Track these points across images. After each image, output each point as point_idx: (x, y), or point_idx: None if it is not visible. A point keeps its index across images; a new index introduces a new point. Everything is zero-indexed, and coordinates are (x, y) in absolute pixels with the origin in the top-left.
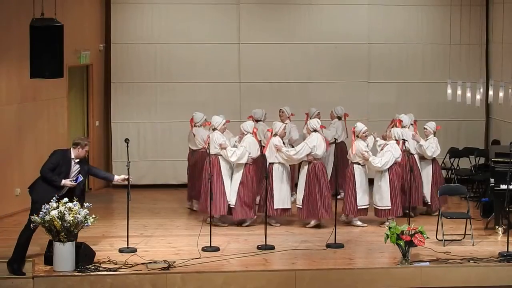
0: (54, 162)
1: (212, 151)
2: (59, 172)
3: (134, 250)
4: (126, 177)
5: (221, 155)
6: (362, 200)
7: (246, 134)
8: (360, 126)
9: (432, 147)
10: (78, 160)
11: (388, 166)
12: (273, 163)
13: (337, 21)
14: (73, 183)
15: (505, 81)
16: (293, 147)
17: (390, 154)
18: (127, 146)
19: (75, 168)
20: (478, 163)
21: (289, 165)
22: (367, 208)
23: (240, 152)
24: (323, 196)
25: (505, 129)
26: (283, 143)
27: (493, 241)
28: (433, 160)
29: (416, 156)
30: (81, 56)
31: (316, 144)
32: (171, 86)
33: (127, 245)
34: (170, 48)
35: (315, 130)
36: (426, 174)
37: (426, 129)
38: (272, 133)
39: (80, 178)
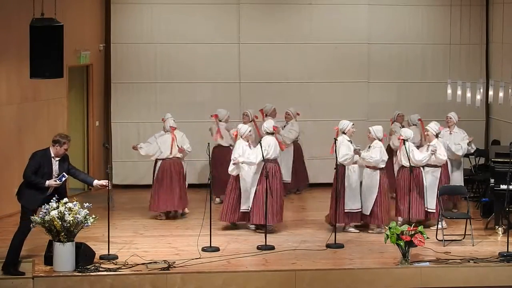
0: (35, 164)
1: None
2: (42, 174)
3: (115, 257)
4: (106, 182)
5: None
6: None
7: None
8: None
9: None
10: (58, 158)
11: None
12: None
13: (337, 21)
14: (58, 182)
15: (505, 81)
16: None
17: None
18: (108, 150)
19: (56, 166)
20: (478, 163)
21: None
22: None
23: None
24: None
25: (505, 129)
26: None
27: (493, 241)
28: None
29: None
30: (81, 56)
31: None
32: (171, 86)
33: (108, 252)
34: (170, 48)
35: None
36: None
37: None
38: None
39: (64, 177)
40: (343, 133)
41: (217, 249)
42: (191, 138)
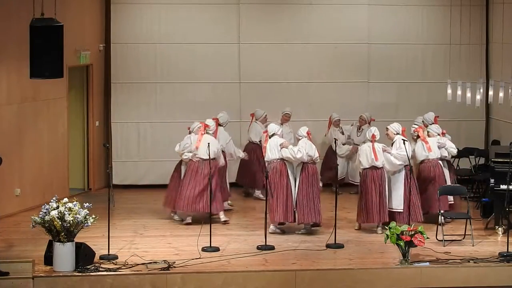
0: None
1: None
2: None
3: (115, 257)
4: None
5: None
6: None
7: (301, 138)
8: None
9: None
10: None
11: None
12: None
13: (337, 21)
14: None
15: (505, 81)
16: None
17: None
18: (108, 150)
19: None
20: (478, 163)
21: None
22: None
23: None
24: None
25: (505, 129)
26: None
27: (493, 241)
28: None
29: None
30: (81, 56)
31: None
32: (171, 86)
33: (108, 252)
34: (170, 48)
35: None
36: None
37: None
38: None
39: None
40: (397, 133)
41: (217, 249)
42: None
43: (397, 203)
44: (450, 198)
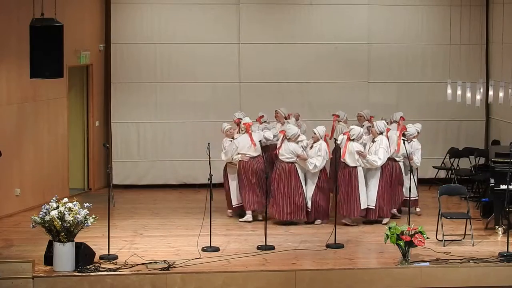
0: None
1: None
2: None
3: (115, 257)
4: None
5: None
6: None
7: (318, 140)
8: (357, 130)
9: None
10: None
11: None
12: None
13: (337, 21)
14: None
15: (505, 81)
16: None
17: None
18: (108, 150)
19: None
20: (478, 163)
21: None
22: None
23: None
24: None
25: (505, 129)
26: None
27: (493, 241)
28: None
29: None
30: (81, 56)
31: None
32: (171, 86)
33: (108, 252)
34: (170, 48)
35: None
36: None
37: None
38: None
39: None
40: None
41: (217, 249)
42: (191, 138)
43: (370, 200)
44: (415, 194)
